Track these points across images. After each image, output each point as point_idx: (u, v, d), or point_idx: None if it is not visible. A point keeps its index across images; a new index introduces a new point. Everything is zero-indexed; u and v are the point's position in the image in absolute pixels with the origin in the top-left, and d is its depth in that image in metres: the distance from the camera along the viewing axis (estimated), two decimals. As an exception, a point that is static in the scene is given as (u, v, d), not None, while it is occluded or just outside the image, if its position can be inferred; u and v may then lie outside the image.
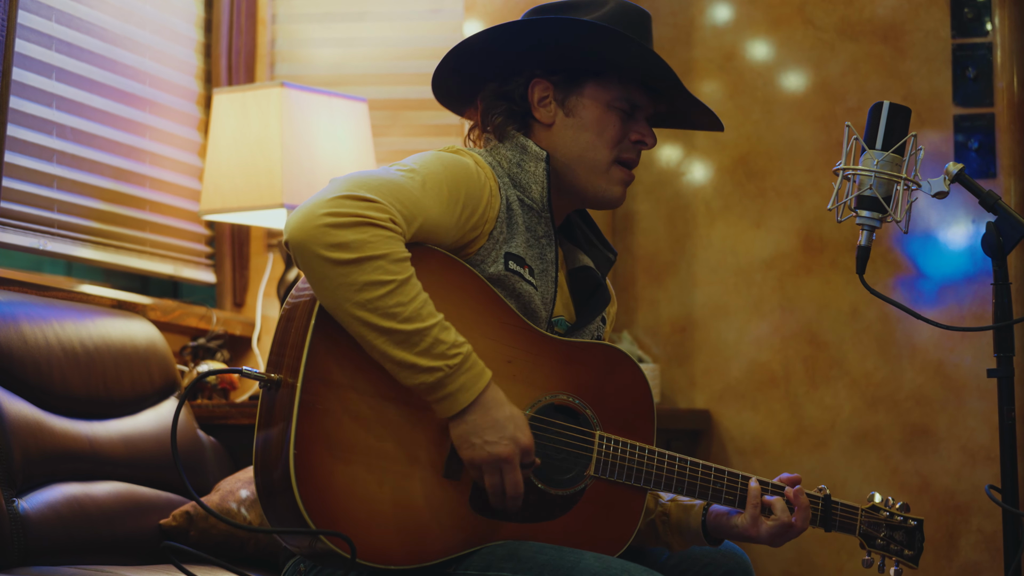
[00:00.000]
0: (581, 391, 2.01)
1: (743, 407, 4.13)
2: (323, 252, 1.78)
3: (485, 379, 1.85)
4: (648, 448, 2.04)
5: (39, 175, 3.17)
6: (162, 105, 3.64)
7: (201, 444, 3.02)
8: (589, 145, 2.08)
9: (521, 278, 1.99)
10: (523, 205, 2.05)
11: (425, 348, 1.81)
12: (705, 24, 4.22)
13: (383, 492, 1.85)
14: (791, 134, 4.15)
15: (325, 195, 1.81)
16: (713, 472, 2.07)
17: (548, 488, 1.97)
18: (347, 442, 1.84)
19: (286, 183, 3.43)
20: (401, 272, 1.80)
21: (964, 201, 3.94)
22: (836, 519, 2.15)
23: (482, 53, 2.09)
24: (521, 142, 2.07)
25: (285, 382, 1.85)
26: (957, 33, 4.01)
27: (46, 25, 3.21)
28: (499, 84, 2.10)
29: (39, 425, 2.52)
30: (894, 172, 2.04)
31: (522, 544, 1.91)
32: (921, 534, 2.21)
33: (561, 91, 2.08)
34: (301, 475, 1.79)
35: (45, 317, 2.65)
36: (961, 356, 3.96)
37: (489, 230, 1.98)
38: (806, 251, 4.12)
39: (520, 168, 2.06)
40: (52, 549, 2.45)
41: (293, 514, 1.81)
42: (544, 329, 2.03)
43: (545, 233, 2.06)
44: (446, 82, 2.16)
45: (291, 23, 4.02)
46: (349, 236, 1.78)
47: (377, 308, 1.79)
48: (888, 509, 2.20)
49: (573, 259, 2.19)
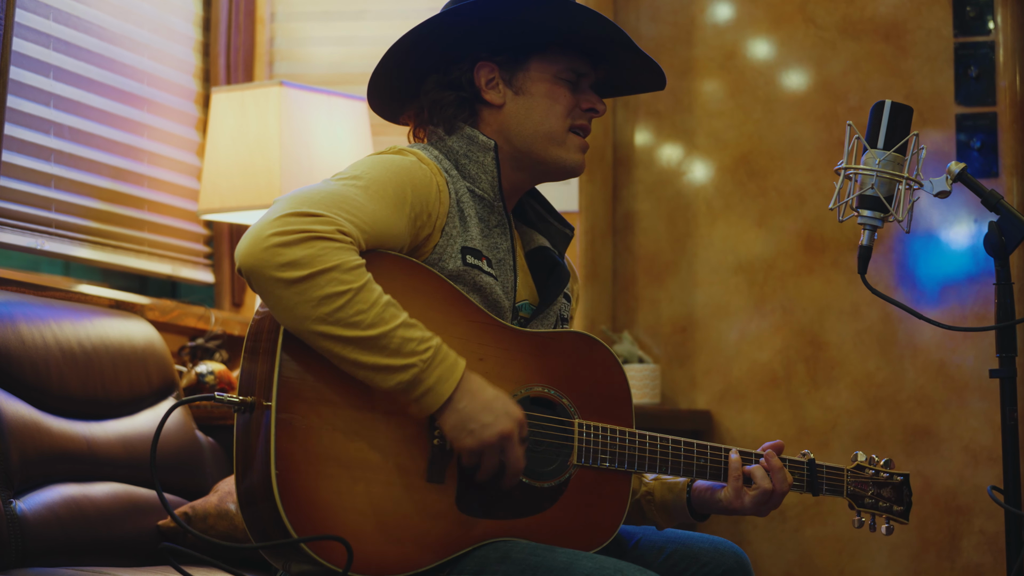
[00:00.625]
0: (556, 381, 2.01)
1: (744, 408, 4.12)
2: (275, 274, 1.77)
3: (460, 367, 1.85)
4: (628, 431, 2.05)
5: (37, 174, 3.17)
6: (160, 104, 3.64)
7: (199, 445, 3.02)
8: (543, 118, 2.08)
9: (480, 271, 1.99)
10: (474, 196, 2.05)
11: (395, 348, 1.81)
12: (706, 23, 4.22)
13: (369, 503, 1.84)
14: (792, 133, 4.14)
15: (269, 216, 1.80)
16: (696, 448, 2.09)
17: (533, 482, 1.97)
18: (328, 456, 1.83)
19: (285, 182, 3.43)
20: (356, 280, 1.80)
21: (966, 200, 3.94)
22: (823, 482, 2.16)
23: (422, 45, 2.09)
24: (468, 133, 2.08)
25: (259, 404, 1.84)
26: (959, 32, 4.01)
27: (44, 24, 3.20)
28: (441, 74, 2.10)
29: (37, 426, 2.52)
30: (896, 171, 2.04)
31: (515, 545, 1.91)
32: (908, 488, 2.23)
33: (507, 70, 2.09)
34: (286, 495, 1.79)
35: (43, 317, 2.65)
36: (963, 356, 3.96)
37: (441, 226, 1.98)
38: (807, 251, 4.12)
39: (468, 159, 2.06)
40: (50, 550, 2.45)
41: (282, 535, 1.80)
42: (509, 316, 2.04)
43: (499, 223, 2.07)
44: (380, 87, 2.16)
45: (290, 22, 4.02)
46: (298, 253, 1.77)
47: (339, 320, 1.78)
48: (873, 467, 2.22)
49: (529, 240, 2.19)
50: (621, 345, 4.12)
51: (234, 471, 1.88)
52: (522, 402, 1.98)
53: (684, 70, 4.19)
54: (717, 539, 2.16)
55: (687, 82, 4.21)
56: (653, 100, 4.25)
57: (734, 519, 4.12)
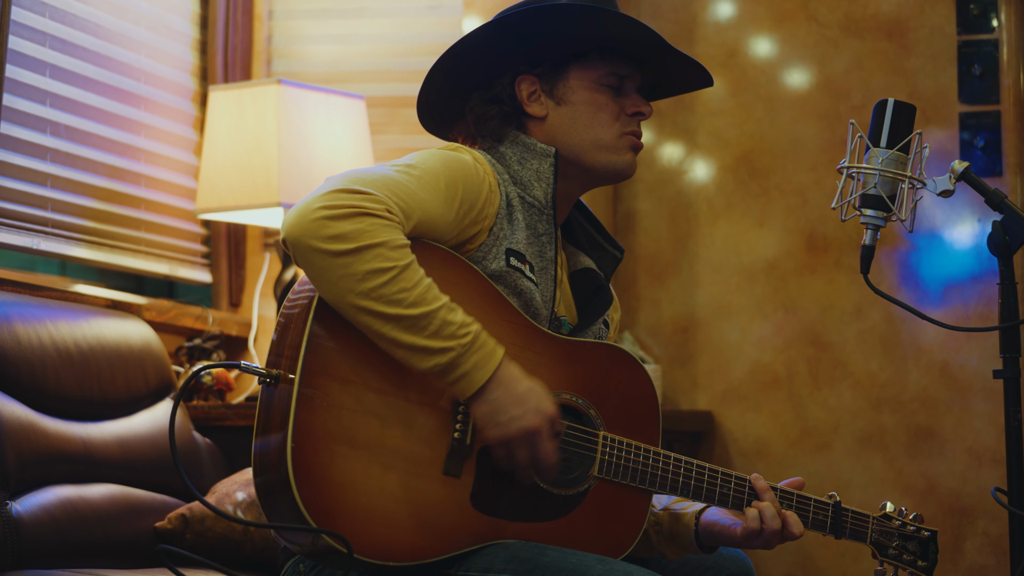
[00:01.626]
0: (585, 391, 2.01)
1: (746, 408, 4.12)
2: (321, 245, 1.78)
3: (498, 356, 1.85)
4: (653, 449, 2.04)
5: (32, 173, 3.17)
6: (157, 102, 3.64)
7: (197, 446, 3.02)
8: (587, 126, 2.08)
9: (522, 274, 2.00)
10: (524, 202, 2.05)
11: (435, 330, 1.81)
12: (707, 20, 4.22)
13: (382, 487, 1.85)
14: (794, 132, 4.14)
15: (320, 191, 1.82)
16: (720, 475, 2.07)
17: (551, 488, 1.96)
18: (346, 436, 1.84)
19: (283, 181, 3.43)
20: (402, 258, 1.81)
21: (970, 200, 3.94)
22: (847, 526, 2.14)
23: (461, 64, 2.10)
24: (523, 140, 2.08)
25: (284, 377, 1.85)
26: (963, 29, 4.01)
27: (39, 21, 3.20)
28: (484, 91, 2.11)
29: (33, 427, 2.52)
30: (899, 170, 2.04)
31: (525, 545, 1.91)
32: (935, 545, 2.18)
33: (547, 82, 2.09)
34: (299, 469, 1.79)
35: (39, 317, 2.65)
36: (967, 357, 3.96)
37: (489, 226, 1.98)
38: (810, 250, 4.12)
39: (522, 166, 2.06)
40: (46, 552, 2.44)
41: (292, 511, 1.81)
42: (546, 325, 2.04)
43: (546, 231, 2.07)
44: (429, 107, 2.17)
45: (288, 19, 4.02)
46: (346, 227, 1.78)
47: (381, 296, 1.79)
48: (901, 519, 2.18)
49: (575, 261, 2.19)
50: (622, 345, 4.11)
51: (252, 441, 1.88)
52: None
53: (685, 68, 4.19)
54: None
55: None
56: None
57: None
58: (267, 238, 3.91)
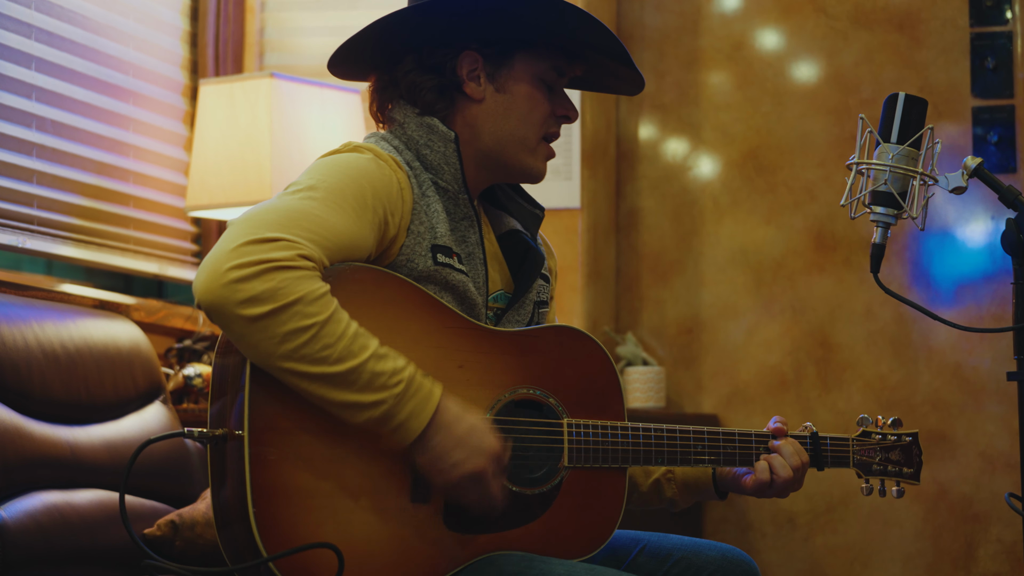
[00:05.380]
0: (540, 380, 2.00)
1: (752, 411, 4.12)
2: (236, 311, 1.75)
3: (435, 399, 1.83)
4: (620, 425, 2.04)
5: (18, 170, 3.17)
6: (146, 97, 3.64)
7: (186, 450, 3.01)
8: (518, 124, 2.07)
9: (452, 268, 1.98)
10: (437, 188, 2.03)
11: (364, 384, 1.79)
12: (713, 12, 4.22)
13: (354, 530, 1.84)
14: (802, 127, 4.14)
15: (226, 245, 1.77)
16: (692, 436, 2.08)
17: (524, 490, 1.96)
18: (307, 488, 1.82)
19: (275, 178, 3.43)
20: (321, 311, 1.77)
21: (983, 197, 3.94)
22: (827, 455, 2.19)
23: (411, 22, 2.05)
24: (428, 122, 2.04)
25: (231, 435, 1.83)
26: (975, 21, 4.01)
27: (25, 13, 3.20)
28: (423, 56, 2.06)
29: (17, 430, 2.52)
30: (910, 166, 2.04)
31: (509, 558, 1.91)
32: (918, 447, 2.23)
33: (491, 64, 2.06)
34: (266, 533, 1.78)
35: (24, 318, 2.65)
36: (980, 358, 3.96)
37: (406, 226, 1.96)
38: (818, 249, 4.12)
39: (429, 149, 2.03)
40: (31, 560, 2.44)
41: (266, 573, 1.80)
42: (483, 312, 2.03)
43: (465, 215, 2.05)
44: (352, 54, 2.11)
45: (281, 10, 4.02)
46: (258, 287, 1.74)
47: (304, 356, 1.76)
48: (880, 431, 2.22)
49: (500, 224, 2.17)
50: (625, 347, 4.12)
51: (211, 501, 1.88)
52: (507, 407, 1.97)
53: (690, 61, 4.18)
54: (726, 547, 2.16)
55: (693, 74, 4.21)
56: (658, 93, 4.25)
57: (742, 527, 4.13)
58: (259, 236, 3.91)
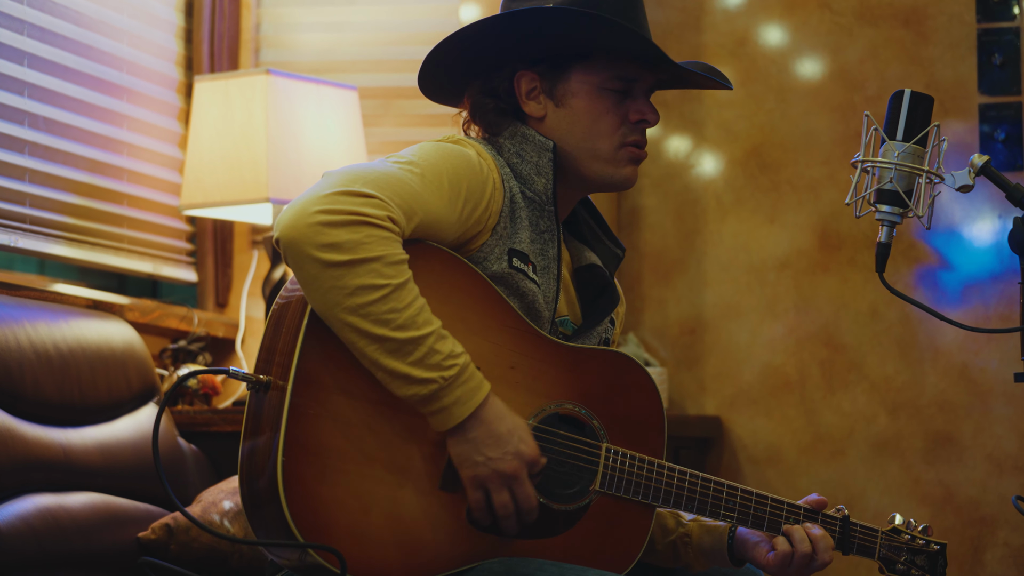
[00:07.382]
0: (587, 400, 2.00)
1: (756, 413, 4.12)
2: (315, 253, 1.77)
3: (483, 392, 1.84)
4: (657, 462, 2.04)
5: (10, 167, 3.17)
6: (140, 93, 3.64)
7: (181, 453, 3.02)
8: (584, 136, 2.07)
9: (525, 276, 1.99)
10: (525, 198, 2.04)
11: (419, 358, 1.80)
12: (716, 7, 4.22)
13: (376, 503, 1.84)
14: (807, 124, 4.14)
15: (319, 191, 1.79)
16: (726, 489, 2.07)
17: (551, 503, 1.96)
18: (339, 450, 1.83)
19: (272, 176, 3.43)
20: (396, 276, 1.79)
21: (990, 195, 3.94)
22: (854, 542, 2.16)
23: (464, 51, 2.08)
24: (522, 131, 2.07)
25: (275, 384, 1.84)
26: (983, 17, 4.01)
27: (17, 9, 3.20)
28: (483, 81, 2.10)
29: (10, 433, 2.52)
30: (916, 164, 2.04)
31: (521, 561, 1.91)
32: (944, 559, 2.21)
33: (547, 80, 2.07)
34: (289, 484, 1.79)
35: (16, 318, 2.65)
36: (987, 359, 3.96)
37: (492, 225, 1.97)
38: (823, 248, 4.12)
39: (521, 159, 2.05)
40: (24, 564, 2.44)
41: (280, 526, 1.80)
42: (547, 330, 2.03)
43: (548, 228, 2.06)
44: (433, 79, 2.15)
45: (277, 7, 4.02)
46: (343, 235, 1.77)
47: (369, 314, 1.78)
48: (910, 532, 2.20)
49: (579, 257, 2.18)
50: (626, 348, 4.12)
51: (240, 448, 1.88)
52: (549, 418, 1.97)
53: (693, 57, 4.18)
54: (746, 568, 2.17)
55: (696, 70, 4.21)
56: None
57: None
58: (255, 235, 3.91)
